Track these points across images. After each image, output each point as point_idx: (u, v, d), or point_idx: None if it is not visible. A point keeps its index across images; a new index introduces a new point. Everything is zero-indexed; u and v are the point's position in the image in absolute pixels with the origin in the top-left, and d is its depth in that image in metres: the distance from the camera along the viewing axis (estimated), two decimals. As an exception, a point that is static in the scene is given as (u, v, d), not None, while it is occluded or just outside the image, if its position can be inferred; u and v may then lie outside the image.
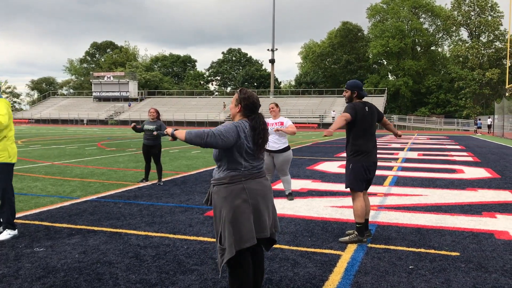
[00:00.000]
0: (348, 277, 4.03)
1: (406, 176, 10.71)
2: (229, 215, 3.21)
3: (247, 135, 3.26)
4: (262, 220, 3.29)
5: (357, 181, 5.11)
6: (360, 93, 5.23)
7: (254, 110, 3.37)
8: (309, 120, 58.56)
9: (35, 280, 3.89)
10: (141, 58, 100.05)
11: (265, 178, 3.43)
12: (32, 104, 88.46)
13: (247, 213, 3.21)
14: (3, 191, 5.22)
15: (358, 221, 5.10)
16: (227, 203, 3.22)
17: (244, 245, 3.19)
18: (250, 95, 3.38)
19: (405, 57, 71.46)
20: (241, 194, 3.22)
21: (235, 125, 3.26)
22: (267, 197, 3.36)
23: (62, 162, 13.21)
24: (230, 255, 3.18)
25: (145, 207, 6.92)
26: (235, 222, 3.20)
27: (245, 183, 3.25)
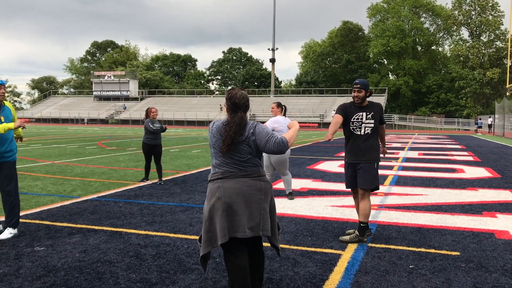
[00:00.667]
0: (349, 277, 4.03)
1: (406, 176, 10.71)
2: (206, 213, 3.31)
3: (214, 133, 3.35)
4: (236, 219, 3.24)
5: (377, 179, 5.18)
6: (371, 92, 5.25)
7: (234, 109, 3.38)
8: (309, 120, 58.55)
9: (36, 279, 3.89)
10: (141, 57, 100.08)
11: (255, 178, 3.32)
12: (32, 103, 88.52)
13: (219, 211, 3.25)
14: (16, 187, 5.33)
15: (365, 221, 5.09)
16: (206, 202, 3.34)
17: (217, 243, 3.25)
18: (233, 95, 3.40)
19: (406, 56, 71.47)
20: (216, 192, 3.29)
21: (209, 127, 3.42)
22: (250, 197, 3.27)
23: (62, 161, 13.22)
24: (204, 251, 3.29)
25: (146, 206, 6.92)
26: (209, 220, 3.28)
27: (221, 181, 3.30)
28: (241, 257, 3.28)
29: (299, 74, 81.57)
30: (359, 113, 5.15)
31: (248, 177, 3.31)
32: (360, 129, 5.14)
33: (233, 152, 3.29)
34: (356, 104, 5.17)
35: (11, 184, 5.26)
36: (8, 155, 5.25)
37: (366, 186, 5.08)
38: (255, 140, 3.32)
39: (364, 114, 5.14)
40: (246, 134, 3.30)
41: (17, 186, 5.39)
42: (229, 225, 3.23)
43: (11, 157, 5.29)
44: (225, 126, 3.31)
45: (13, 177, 5.30)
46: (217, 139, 3.32)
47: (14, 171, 5.35)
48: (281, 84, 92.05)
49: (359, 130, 5.14)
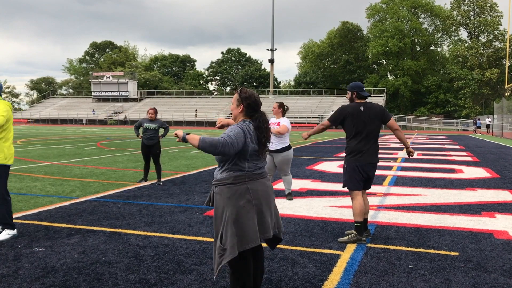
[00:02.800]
0: (348, 277, 4.03)
1: (405, 176, 10.71)
2: (232, 216, 3.18)
3: (252, 136, 3.25)
4: (265, 221, 3.28)
5: (352, 180, 5.14)
6: (359, 94, 5.21)
7: (256, 109, 3.34)
8: (308, 120, 58.58)
9: (35, 280, 3.89)
10: (140, 58, 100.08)
11: (267, 178, 3.42)
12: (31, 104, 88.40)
13: (251, 213, 3.20)
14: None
15: (357, 220, 5.10)
16: (231, 204, 3.20)
17: (248, 245, 3.18)
18: (251, 94, 3.35)
19: (405, 57, 71.55)
20: (245, 194, 3.21)
21: (241, 128, 3.21)
22: (270, 198, 3.35)
23: (61, 162, 13.20)
24: (232, 256, 3.16)
25: (145, 207, 6.92)
26: (239, 223, 3.18)
27: (249, 183, 3.24)
28: (250, 260, 3.29)
29: (298, 75, 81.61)
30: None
31: (264, 178, 3.36)
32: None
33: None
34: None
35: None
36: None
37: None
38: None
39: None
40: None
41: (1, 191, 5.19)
42: (259, 227, 3.24)
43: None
44: (259, 128, 3.26)
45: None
46: (254, 143, 3.24)
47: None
48: (280, 85, 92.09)
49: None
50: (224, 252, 3.17)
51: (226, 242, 3.18)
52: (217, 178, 3.31)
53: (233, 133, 3.14)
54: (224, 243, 3.18)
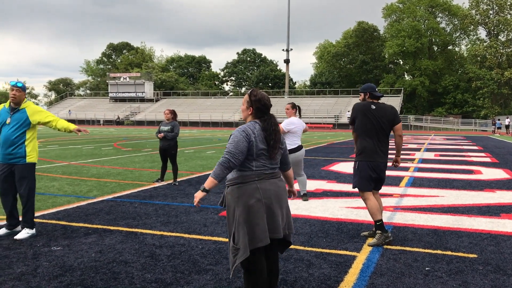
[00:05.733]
0: (364, 278, 4.00)
1: (422, 177, 10.60)
2: (242, 215, 3.21)
3: (257, 136, 3.26)
4: (275, 220, 3.28)
5: (363, 180, 5.11)
6: (372, 94, 5.21)
7: (265, 111, 3.36)
8: (324, 121, 58.36)
9: (53, 279, 3.94)
10: (157, 59, 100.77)
11: (280, 179, 3.42)
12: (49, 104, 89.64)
13: (260, 212, 3.21)
14: (30, 190, 5.35)
15: (377, 219, 5.07)
16: (241, 203, 3.22)
17: (258, 244, 3.19)
18: (261, 97, 3.35)
19: (422, 56, 70.79)
20: (254, 193, 3.22)
21: (243, 130, 3.25)
22: (281, 198, 3.34)
23: (78, 162, 13.36)
24: (245, 255, 3.17)
25: (161, 207, 6.96)
26: (249, 222, 3.20)
27: (259, 183, 3.25)
28: (262, 259, 3.29)
29: (313, 75, 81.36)
30: None
31: (276, 178, 3.36)
32: None
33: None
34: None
35: (22, 187, 5.28)
36: (15, 158, 5.25)
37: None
38: (285, 142, 3.50)
39: None
40: (282, 137, 3.42)
41: (31, 189, 5.36)
42: (268, 227, 3.24)
43: (20, 160, 5.27)
44: (267, 130, 3.28)
45: (24, 180, 5.28)
46: (262, 143, 3.26)
47: (27, 174, 5.31)
48: (296, 85, 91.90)
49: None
50: (237, 252, 3.20)
51: (238, 242, 3.21)
52: (228, 178, 3.35)
53: (233, 144, 3.21)
54: (236, 243, 3.22)
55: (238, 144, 3.20)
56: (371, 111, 5.07)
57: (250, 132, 3.25)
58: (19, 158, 5.27)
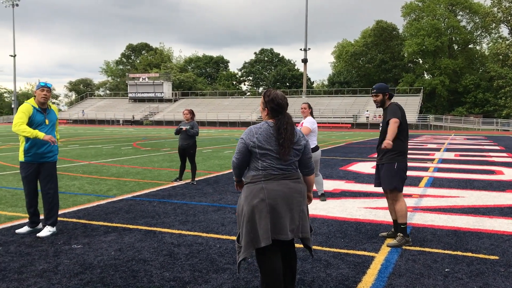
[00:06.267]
0: (382, 279, 3.97)
1: (442, 177, 10.46)
2: (247, 214, 3.24)
3: (260, 136, 3.25)
4: (280, 221, 3.23)
5: (402, 181, 5.12)
6: (391, 94, 5.26)
7: (280, 111, 3.34)
8: (342, 120, 57.99)
9: (73, 276, 4.00)
10: (175, 59, 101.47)
11: (295, 180, 3.33)
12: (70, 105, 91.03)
13: (263, 212, 3.20)
14: (56, 188, 5.52)
15: (403, 221, 5.05)
16: (247, 202, 3.26)
17: (260, 244, 3.18)
18: (275, 97, 3.34)
19: (442, 55, 69.81)
20: (259, 193, 3.23)
21: (245, 132, 3.35)
22: (290, 199, 3.27)
23: (99, 162, 13.54)
24: (246, 254, 3.23)
25: (179, 206, 7.01)
26: (251, 221, 3.22)
27: (265, 183, 3.25)
28: (275, 259, 3.28)
29: (331, 74, 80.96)
30: (383, 116, 5.29)
31: (289, 179, 3.31)
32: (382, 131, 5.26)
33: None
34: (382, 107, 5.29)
35: (49, 184, 5.42)
36: (48, 156, 5.43)
37: (384, 186, 5.15)
38: (306, 144, 3.41)
39: (384, 116, 5.24)
40: (297, 137, 3.34)
41: (57, 187, 5.55)
42: (272, 227, 3.22)
43: (51, 157, 5.46)
44: (278, 129, 3.26)
45: (52, 178, 5.47)
46: (268, 143, 3.25)
47: (54, 172, 5.51)
48: (313, 85, 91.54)
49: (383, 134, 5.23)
50: (240, 250, 3.28)
51: (241, 240, 3.27)
52: (247, 175, 3.41)
53: (237, 147, 3.36)
54: (240, 241, 3.29)
55: (239, 145, 3.34)
56: (403, 113, 5.15)
57: (253, 133, 3.29)
58: (54, 156, 5.48)
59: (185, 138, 9.39)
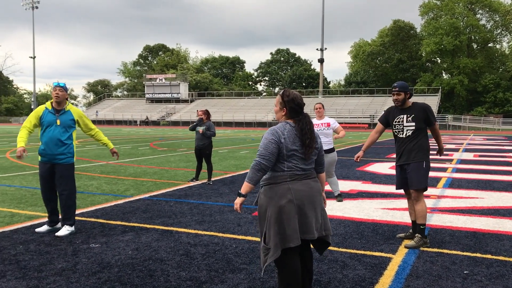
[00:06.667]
0: (399, 281, 3.93)
1: (461, 178, 10.32)
2: (274, 215, 3.21)
3: (287, 137, 3.24)
4: (307, 221, 3.26)
5: (428, 180, 5.10)
6: (411, 94, 5.20)
7: (300, 111, 3.34)
8: (359, 120, 57.65)
9: (91, 275, 4.05)
10: (191, 60, 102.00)
11: (314, 179, 3.38)
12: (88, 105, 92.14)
13: (292, 213, 3.20)
14: (72, 189, 5.56)
15: (423, 222, 5.00)
16: (273, 203, 3.22)
17: (288, 244, 3.18)
18: (295, 97, 3.33)
19: (460, 54, 68.88)
20: (286, 194, 3.21)
21: (272, 132, 3.25)
22: (314, 199, 3.31)
23: (116, 162, 13.67)
24: (276, 256, 3.18)
25: (195, 206, 7.05)
26: (279, 222, 3.19)
27: (291, 183, 3.24)
28: (296, 260, 3.28)
29: (348, 74, 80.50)
30: (401, 116, 5.15)
31: (309, 178, 3.34)
32: (403, 132, 5.14)
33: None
34: (398, 107, 5.18)
35: (63, 185, 5.45)
36: (60, 157, 5.44)
37: (414, 186, 5.03)
38: (320, 142, 3.46)
39: (405, 116, 5.12)
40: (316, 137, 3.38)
41: (72, 188, 5.53)
42: (299, 227, 3.23)
43: (63, 159, 5.46)
44: (302, 129, 3.27)
45: (65, 179, 5.46)
46: (293, 143, 3.25)
47: (67, 173, 5.48)
48: (330, 85, 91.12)
49: (401, 133, 5.15)
50: (268, 252, 3.22)
51: (269, 242, 3.22)
52: (262, 178, 3.35)
53: (263, 147, 3.24)
54: (267, 243, 3.23)
55: (267, 146, 3.21)
56: None
57: (280, 134, 3.24)
58: (67, 158, 5.48)
59: (201, 138, 9.44)
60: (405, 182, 5.17)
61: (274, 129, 3.29)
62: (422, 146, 5.05)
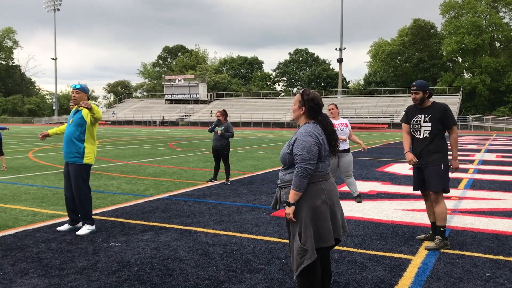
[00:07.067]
0: (419, 283, 3.89)
1: (483, 179, 10.15)
2: (310, 216, 3.18)
3: (323, 137, 3.27)
4: (336, 221, 3.29)
5: (448, 181, 4.97)
6: (431, 93, 5.07)
7: (318, 111, 3.33)
8: (379, 121, 57.13)
9: (111, 273, 4.10)
10: (210, 60, 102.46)
11: (331, 179, 3.41)
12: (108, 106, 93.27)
13: (326, 213, 3.21)
14: (79, 191, 5.59)
15: (443, 224, 4.91)
16: (307, 204, 3.18)
17: (322, 244, 3.20)
18: (314, 96, 3.32)
19: (482, 53, 67.70)
20: (320, 194, 3.20)
21: (310, 134, 3.18)
22: (338, 198, 3.36)
23: (136, 162, 13.82)
24: (313, 258, 3.15)
25: (214, 206, 7.07)
26: (315, 223, 3.18)
27: (323, 183, 3.24)
28: (317, 260, 3.27)
29: (367, 74, 79.85)
30: (419, 115, 5.05)
31: (330, 178, 3.37)
32: (420, 132, 5.03)
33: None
34: (418, 106, 5.08)
35: (73, 185, 5.55)
36: (69, 156, 5.55)
37: (433, 188, 4.93)
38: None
39: (422, 116, 5.02)
40: None
41: (80, 189, 5.52)
42: (332, 228, 3.25)
43: (71, 158, 5.53)
44: (326, 130, 3.28)
45: (74, 179, 5.52)
46: (326, 144, 3.27)
47: (76, 174, 5.51)
48: (349, 84, 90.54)
49: (418, 133, 5.04)
50: (305, 253, 3.15)
51: (306, 243, 3.16)
52: (287, 179, 3.26)
53: (305, 150, 3.13)
54: (304, 244, 3.16)
55: (311, 149, 3.14)
56: None
57: (317, 135, 3.22)
58: (75, 158, 5.54)
59: (218, 139, 9.48)
60: (422, 183, 5.08)
61: (310, 131, 3.22)
62: (440, 148, 4.93)
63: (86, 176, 5.61)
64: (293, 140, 3.24)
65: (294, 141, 3.22)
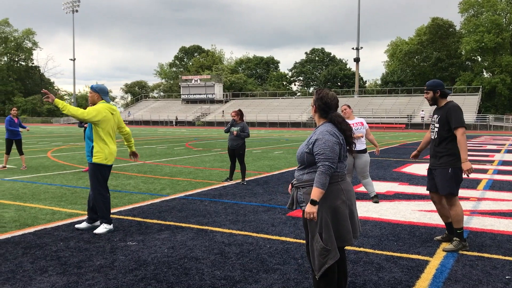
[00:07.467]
0: (437, 284, 3.84)
1: (502, 180, 9.98)
2: (330, 216, 3.17)
3: (343, 138, 3.26)
4: (355, 221, 3.30)
5: (458, 185, 4.85)
6: (444, 92, 4.92)
7: (327, 110, 3.30)
8: (396, 121, 56.57)
9: (128, 272, 4.14)
10: (226, 61, 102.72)
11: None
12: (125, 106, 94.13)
13: (346, 213, 3.21)
14: (93, 190, 5.67)
15: (459, 226, 4.84)
16: (327, 204, 3.17)
17: (342, 244, 3.22)
18: (324, 95, 3.31)
19: (503, 52, 66.58)
20: (340, 195, 3.20)
21: (331, 134, 3.19)
22: (355, 198, 3.37)
23: (153, 161, 13.92)
24: (336, 257, 3.15)
25: (229, 206, 7.09)
26: (336, 223, 3.18)
27: (341, 184, 3.23)
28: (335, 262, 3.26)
29: (385, 74, 79.19)
30: (434, 116, 5.02)
31: (346, 179, 3.35)
32: (433, 133, 5.00)
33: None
34: (436, 106, 5.01)
35: (90, 184, 5.69)
36: (86, 154, 5.73)
37: (440, 191, 4.90)
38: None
39: (435, 117, 4.97)
40: None
41: (94, 188, 5.59)
42: (352, 228, 3.26)
43: (87, 157, 5.71)
44: (345, 131, 3.27)
45: (89, 178, 5.68)
46: (343, 143, 3.27)
47: (91, 173, 5.63)
48: (366, 84, 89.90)
49: (433, 134, 5.01)
50: (328, 253, 3.14)
51: (328, 243, 3.15)
52: (305, 179, 3.24)
53: (328, 149, 3.13)
54: (326, 244, 3.15)
55: (334, 148, 3.15)
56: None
57: (338, 135, 3.23)
58: (88, 156, 5.67)
59: (234, 139, 9.50)
60: (433, 184, 5.04)
61: (330, 131, 3.22)
62: (449, 151, 4.81)
63: (100, 176, 5.63)
64: (313, 140, 3.23)
65: (315, 141, 3.21)
